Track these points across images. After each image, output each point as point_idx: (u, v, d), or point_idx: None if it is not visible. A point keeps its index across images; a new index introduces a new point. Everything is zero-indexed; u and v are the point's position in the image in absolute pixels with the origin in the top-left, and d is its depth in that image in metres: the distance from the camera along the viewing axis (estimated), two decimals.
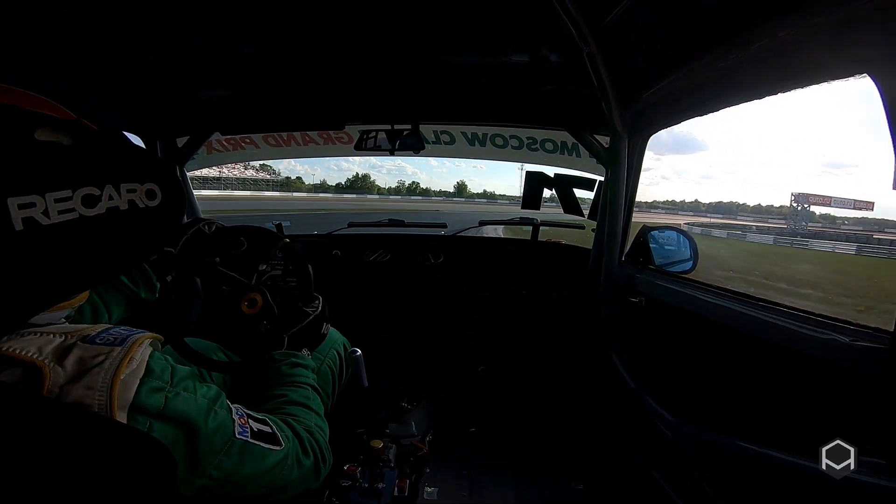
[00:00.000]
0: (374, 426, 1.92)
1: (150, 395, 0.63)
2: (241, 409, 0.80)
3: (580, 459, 1.95)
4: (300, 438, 0.90)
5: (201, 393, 0.72)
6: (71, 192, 0.57)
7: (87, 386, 0.58)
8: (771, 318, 1.27)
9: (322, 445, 0.96)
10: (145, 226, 0.65)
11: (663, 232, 2.27)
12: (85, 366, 0.59)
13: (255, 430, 0.79)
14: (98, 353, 0.61)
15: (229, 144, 2.73)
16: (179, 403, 0.66)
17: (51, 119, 0.58)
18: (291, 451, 0.85)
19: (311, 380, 1.11)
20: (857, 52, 0.94)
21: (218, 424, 0.71)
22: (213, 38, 1.51)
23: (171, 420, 0.65)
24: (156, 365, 0.66)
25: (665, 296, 1.80)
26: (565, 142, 2.66)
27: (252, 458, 0.76)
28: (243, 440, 0.75)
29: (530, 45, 1.52)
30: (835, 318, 1.14)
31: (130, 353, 0.63)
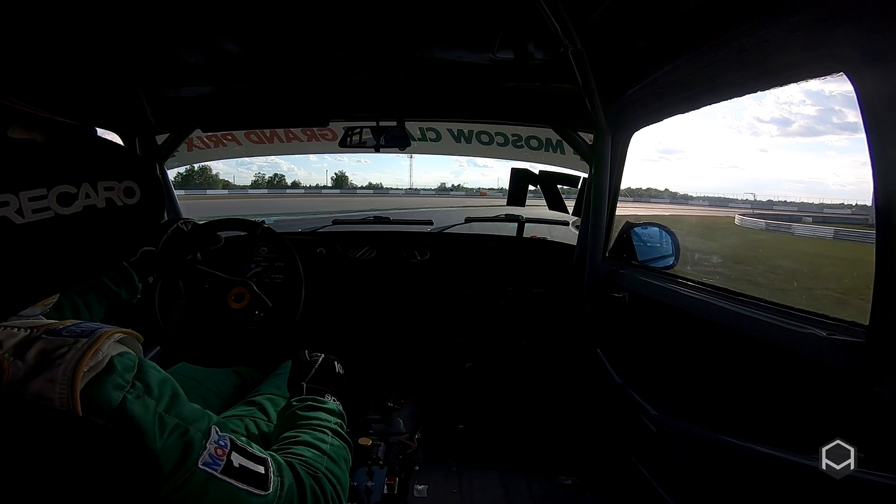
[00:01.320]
0: (361, 424, 1.92)
1: (108, 391, 0.59)
2: (230, 441, 0.73)
3: (568, 454, 1.97)
4: (301, 484, 0.81)
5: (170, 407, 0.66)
6: (46, 190, 0.55)
7: (47, 379, 0.56)
8: (750, 313, 1.29)
9: (329, 495, 0.85)
10: (124, 224, 0.64)
11: (646, 228, 2.30)
12: (46, 358, 0.57)
13: (234, 466, 0.70)
14: (62, 345, 0.59)
15: (210, 141, 2.68)
16: (136, 408, 0.61)
17: (25, 115, 0.57)
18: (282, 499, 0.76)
19: (331, 424, 1.01)
20: (834, 51, 0.96)
21: (178, 444, 0.65)
22: (194, 34, 1.48)
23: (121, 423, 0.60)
24: (119, 363, 0.62)
25: (648, 291, 1.83)
26: (550, 139, 2.68)
27: (218, 495, 0.68)
28: (209, 473, 0.67)
29: (515, 43, 1.53)
30: (812, 312, 1.18)
31: (96, 346, 0.60)
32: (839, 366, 1.02)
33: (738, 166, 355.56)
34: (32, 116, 0.58)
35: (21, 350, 0.57)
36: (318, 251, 2.39)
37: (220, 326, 1.44)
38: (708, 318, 1.45)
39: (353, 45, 1.64)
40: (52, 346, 0.58)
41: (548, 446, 2.03)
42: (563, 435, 2.14)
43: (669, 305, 1.66)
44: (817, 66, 1.03)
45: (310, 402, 1.03)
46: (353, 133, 2.16)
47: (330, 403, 1.06)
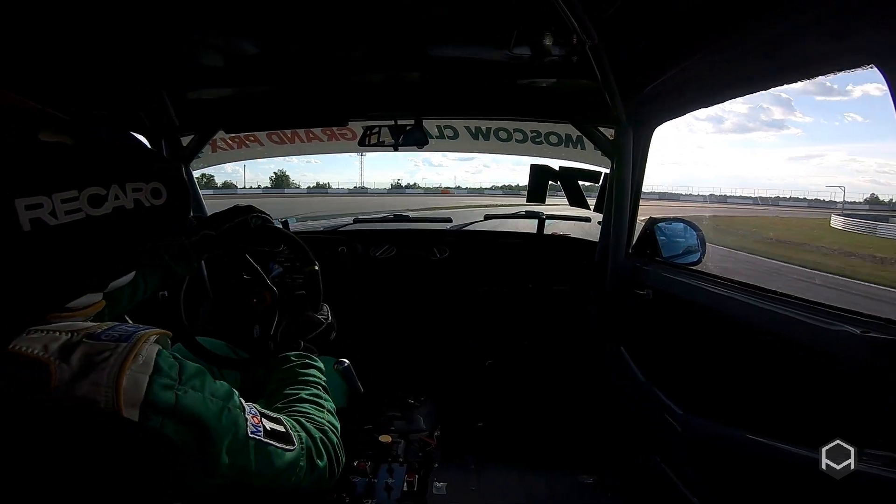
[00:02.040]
0: (382, 422, 1.94)
1: (161, 392, 0.63)
2: (255, 408, 0.79)
3: (589, 453, 1.95)
4: (313, 439, 0.89)
5: (211, 391, 0.71)
6: (77, 192, 0.57)
7: (92, 382, 0.58)
8: (780, 310, 1.25)
9: (336, 444, 0.95)
10: (151, 225, 0.66)
11: (670, 223, 2.25)
12: (90, 362, 0.59)
13: (268, 430, 0.78)
14: (103, 350, 0.61)
15: (234, 143, 2.74)
16: (189, 401, 0.66)
17: (55, 119, 0.59)
18: (304, 452, 0.84)
19: (322, 381, 1.11)
20: (863, 43, 0.92)
21: (230, 422, 0.71)
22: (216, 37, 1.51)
23: (183, 418, 0.64)
24: (164, 362, 0.66)
25: (673, 288, 1.79)
26: (570, 134, 2.63)
27: (265, 458, 0.75)
28: (256, 439, 0.74)
29: (531, 39, 1.50)
30: (845, 309, 1.13)
31: (136, 349, 0.62)
32: (874, 364, 0.98)
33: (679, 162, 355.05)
34: (62, 120, 0.60)
35: (65, 354, 0.59)
36: (339, 249, 2.42)
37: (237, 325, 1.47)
38: (735, 315, 1.42)
39: (370, 45, 1.64)
40: (95, 351, 0.60)
41: (568, 445, 2.01)
42: (584, 433, 2.12)
43: (695, 302, 1.62)
44: (844, 58, 0.99)
45: (306, 360, 1.12)
46: (372, 132, 2.18)
47: (318, 362, 1.15)
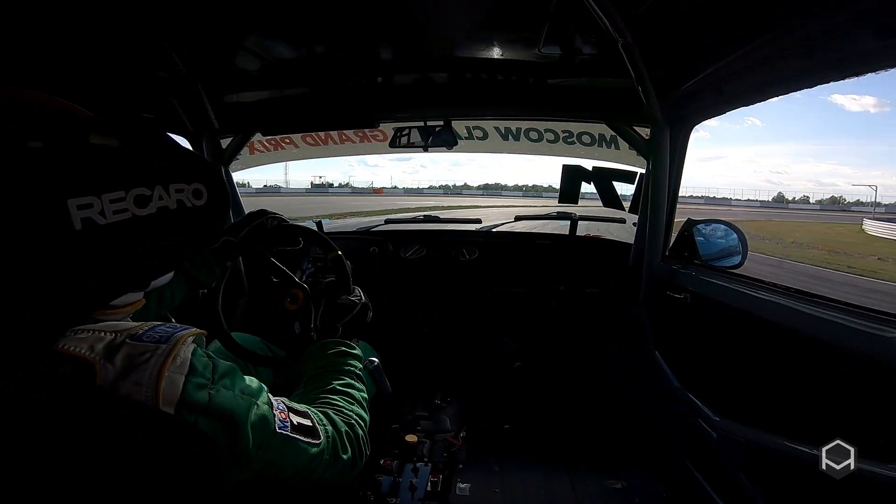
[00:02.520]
0: (408, 421, 1.95)
1: (196, 392, 0.65)
2: (283, 403, 0.82)
3: (617, 457, 1.90)
4: (339, 433, 0.91)
5: (240, 388, 0.73)
6: (124, 192, 0.60)
7: (135, 382, 0.61)
8: (825, 315, 1.19)
9: (361, 438, 0.96)
10: (193, 224, 0.69)
11: (709, 225, 2.17)
12: (133, 362, 0.62)
13: (294, 425, 0.80)
14: (145, 351, 0.64)
15: (270, 145, 2.82)
16: (221, 399, 0.68)
17: (104, 123, 0.62)
18: (329, 446, 0.86)
19: (356, 369, 1.11)
20: None
21: (259, 418, 0.73)
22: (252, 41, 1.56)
23: (215, 415, 0.67)
24: (198, 362, 0.68)
25: (711, 292, 1.72)
26: (603, 134, 2.57)
27: (291, 452, 0.77)
28: (283, 435, 0.76)
29: (561, 38, 1.47)
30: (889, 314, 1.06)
31: (175, 351, 0.65)
32: None
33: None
34: (110, 123, 0.62)
35: (110, 354, 0.63)
36: (371, 250, 2.45)
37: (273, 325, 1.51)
38: (778, 320, 1.36)
39: (399, 47, 1.66)
40: (137, 352, 0.64)
41: (595, 448, 1.97)
42: (613, 437, 2.07)
43: (736, 307, 1.55)
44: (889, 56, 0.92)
45: (343, 348, 1.11)
46: (402, 134, 2.19)
47: (357, 350, 1.13)
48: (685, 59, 1.47)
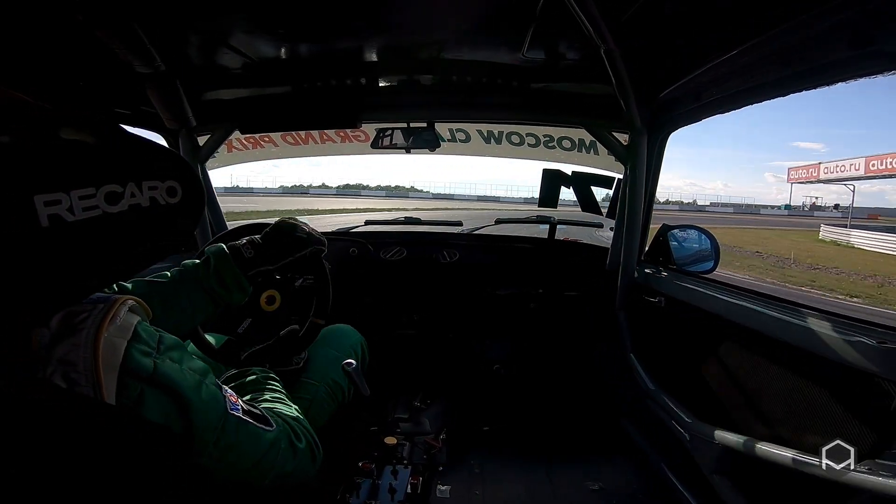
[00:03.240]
0: (387, 424, 1.94)
1: (141, 358, 0.64)
2: (229, 389, 0.80)
3: (595, 459, 1.93)
4: (288, 423, 0.90)
5: (189, 365, 0.72)
6: (94, 189, 0.58)
7: (72, 344, 0.59)
8: (793, 319, 1.24)
9: (310, 432, 0.95)
10: (166, 222, 0.67)
11: (684, 230, 2.23)
12: (69, 322, 0.61)
13: (245, 409, 0.79)
14: (81, 311, 0.62)
15: (249, 143, 2.77)
16: (167, 369, 0.67)
17: (75, 117, 0.59)
18: (283, 433, 0.85)
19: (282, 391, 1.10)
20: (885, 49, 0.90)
21: (210, 398, 0.71)
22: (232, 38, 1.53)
23: (162, 387, 0.65)
24: (143, 331, 0.67)
25: (685, 296, 1.77)
26: (583, 139, 2.61)
27: (248, 436, 0.76)
28: (237, 416, 0.75)
29: (545, 43, 1.50)
30: (861, 320, 1.12)
31: (112, 311, 0.63)
32: (889, 375, 0.97)
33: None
34: (81, 118, 0.60)
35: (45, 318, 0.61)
36: (350, 251, 2.43)
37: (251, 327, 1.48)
38: (749, 324, 1.40)
39: (384, 47, 1.65)
40: (73, 313, 0.62)
41: (574, 450, 1.99)
42: (591, 439, 2.09)
43: (709, 311, 1.60)
44: (866, 64, 0.97)
45: (271, 374, 1.14)
46: (385, 135, 2.19)
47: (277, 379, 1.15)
48: (665, 66, 1.52)
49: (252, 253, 1.24)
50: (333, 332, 1.63)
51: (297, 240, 1.32)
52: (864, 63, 0.98)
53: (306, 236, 1.34)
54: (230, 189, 75.57)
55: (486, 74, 1.83)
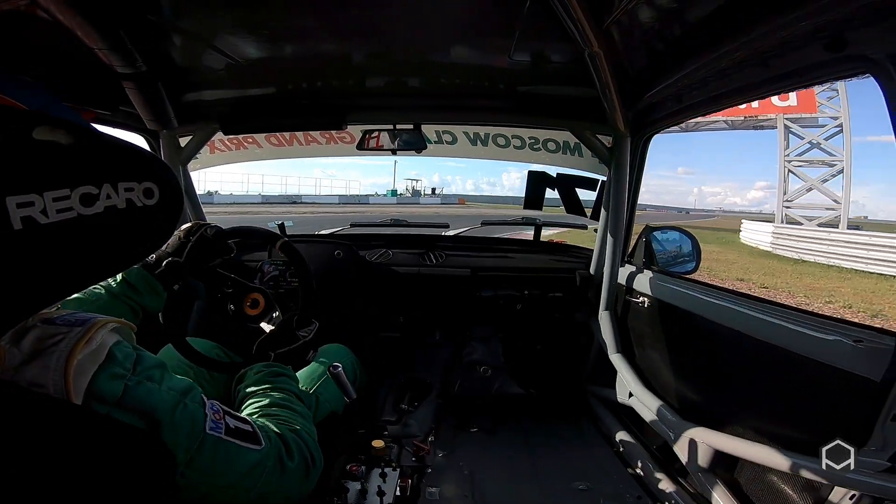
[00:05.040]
0: (375, 426, 1.93)
1: (107, 382, 0.62)
2: (218, 405, 0.79)
3: (583, 460, 1.94)
4: (284, 439, 0.89)
5: (169, 384, 0.71)
6: (69, 190, 0.56)
7: (42, 366, 0.58)
8: (773, 319, 1.27)
9: (310, 446, 0.94)
10: (143, 225, 0.65)
11: (666, 232, 2.27)
12: (41, 346, 0.60)
13: (231, 427, 0.77)
14: (56, 333, 0.61)
15: (231, 144, 2.73)
16: (141, 392, 0.65)
17: (49, 118, 0.58)
18: (272, 452, 0.84)
19: (293, 387, 1.12)
20: (860, 52, 0.94)
21: (186, 418, 0.70)
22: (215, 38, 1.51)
23: (131, 410, 0.64)
24: (119, 352, 0.66)
25: (668, 296, 1.80)
26: (568, 141, 2.65)
27: (226, 456, 0.75)
28: (216, 436, 0.74)
29: (531, 46, 1.52)
30: (839, 320, 1.15)
31: (89, 335, 0.62)
32: (865, 373, 1.00)
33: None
34: (56, 118, 0.59)
35: (17, 338, 0.60)
36: (335, 253, 2.41)
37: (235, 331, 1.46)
38: (730, 325, 1.43)
39: (370, 49, 1.65)
40: (47, 335, 0.61)
41: (563, 451, 2.01)
42: (578, 441, 2.11)
43: (691, 312, 1.63)
44: (842, 67, 1.01)
45: (275, 369, 1.15)
46: (371, 136, 2.18)
47: (289, 370, 1.19)
48: (648, 69, 1.55)
49: (153, 256, 1.27)
50: (327, 351, 1.64)
51: (187, 229, 1.36)
52: (840, 66, 1.02)
53: (192, 224, 1.38)
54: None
55: (473, 77, 1.84)
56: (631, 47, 1.45)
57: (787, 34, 1.01)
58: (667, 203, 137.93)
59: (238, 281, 1.50)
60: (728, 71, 1.29)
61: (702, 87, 1.46)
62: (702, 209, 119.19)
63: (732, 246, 19.51)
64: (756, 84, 1.27)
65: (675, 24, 1.27)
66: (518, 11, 1.26)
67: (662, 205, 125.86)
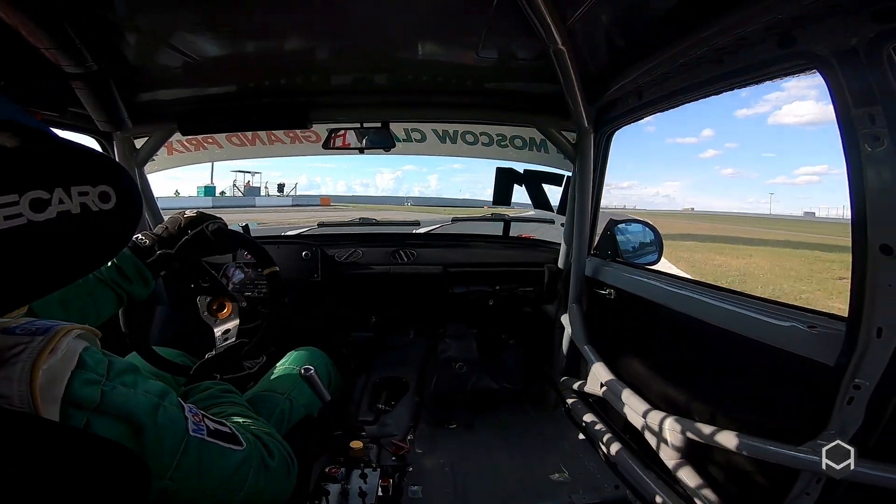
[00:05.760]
0: (352, 427, 1.91)
1: (83, 388, 0.61)
2: (195, 408, 0.78)
3: (560, 451, 1.98)
4: (261, 440, 0.89)
5: (144, 388, 0.69)
6: (17, 196, 0.53)
7: (4, 377, 0.56)
8: (732, 307, 1.33)
9: (285, 448, 0.94)
10: (100, 229, 0.62)
11: (629, 224, 2.34)
12: (2, 357, 0.57)
13: (211, 429, 0.77)
14: (17, 343, 0.59)
15: (191, 145, 2.62)
16: (118, 397, 0.64)
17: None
18: (254, 452, 0.83)
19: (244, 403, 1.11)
20: (808, 49, 1.00)
21: (167, 420, 0.69)
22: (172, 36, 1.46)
23: (112, 415, 0.63)
24: (90, 358, 0.64)
25: (632, 287, 1.85)
26: (534, 138, 2.69)
27: (211, 457, 0.74)
28: (199, 438, 0.73)
29: (498, 43, 1.54)
30: (793, 306, 1.21)
31: (53, 343, 0.60)
32: (821, 358, 1.05)
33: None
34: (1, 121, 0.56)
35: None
36: (303, 254, 2.37)
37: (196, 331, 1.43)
38: (692, 313, 1.48)
39: (336, 46, 1.62)
40: (8, 345, 0.58)
41: (540, 445, 2.04)
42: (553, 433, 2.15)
43: (654, 302, 1.69)
44: (791, 63, 1.07)
45: (225, 386, 1.15)
46: (337, 135, 2.15)
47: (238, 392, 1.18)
48: (610, 66, 1.60)
49: (147, 242, 1.27)
50: (300, 355, 1.61)
51: (189, 220, 1.35)
52: (789, 62, 1.08)
53: (196, 215, 1.37)
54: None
55: (441, 74, 1.85)
56: (594, 44, 1.49)
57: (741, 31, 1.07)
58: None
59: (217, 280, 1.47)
60: (686, 67, 1.35)
61: (661, 83, 1.52)
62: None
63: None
64: (711, 80, 1.33)
65: (635, 21, 1.32)
66: (486, 8, 1.28)
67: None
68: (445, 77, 1.87)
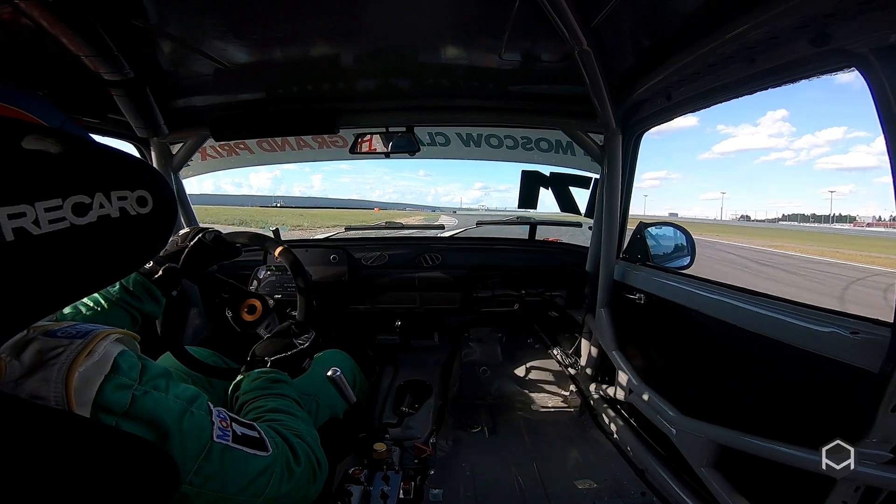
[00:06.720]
0: (376, 430, 1.92)
1: (114, 393, 0.62)
2: (225, 413, 0.79)
3: (585, 457, 1.95)
4: (290, 444, 0.89)
5: (175, 393, 0.71)
6: (61, 200, 0.55)
7: (42, 378, 0.58)
8: (768, 312, 1.27)
9: (315, 450, 0.95)
10: (137, 233, 0.64)
11: (660, 228, 2.28)
12: (42, 358, 0.59)
13: (238, 434, 0.77)
14: (57, 346, 0.61)
15: (224, 150, 2.71)
16: (148, 402, 0.66)
17: (38, 127, 0.57)
18: (280, 457, 0.84)
19: (292, 393, 1.12)
20: (845, 46, 0.95)
21: (194, 426, 0.71)
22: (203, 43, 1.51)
23: (139, 420, 0.64)
24: (124, 362, 0.66)
25: (663, 292, 1.80)
26: (560, 140, 2.65)
27: (234, 463, 0.75)
28: (223, 444, 0.74)
29: (521, 45, 1.52)
30: (834, 311, 1.15)
31: (90, 346, 0.62)
32: (863, 364, 1.00)
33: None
34: (45, 127, 0.58)
35: (18, 350, 0.60)
36: (331, 258, 2.41)
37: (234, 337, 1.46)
38: (726, 318, 1.43)
39: (361, 52, 1.65)
40: (48, 347, 0.60)
41: (564, 450, 2.01)
42: (580, 439, 2.11)
43: (686, 306, 1.63)
44: (827, 61, 1.02)
45: (273, 375, 1.14)
46: (363, 139, 2.18)
47: (286, 376, 1.19)
48: (637, 67, 1.56)
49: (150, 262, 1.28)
50: (326, 357, 1.64)
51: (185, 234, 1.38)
52: (824, 60, 1.03)
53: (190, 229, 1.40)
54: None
55: (464, 77, 1.85)
56: (619, 44, 1.46)
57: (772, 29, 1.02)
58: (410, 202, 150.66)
59: (235, 286, 1.50)
60: (715, 67, 1.30)
61: (690, 83, 1.47)
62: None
63: None
64: (743, 80, 1.28)
65: (661, 20, 1.29)
66: (508, 11, 1.27)
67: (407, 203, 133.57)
68: (468, 80, 1.87)
